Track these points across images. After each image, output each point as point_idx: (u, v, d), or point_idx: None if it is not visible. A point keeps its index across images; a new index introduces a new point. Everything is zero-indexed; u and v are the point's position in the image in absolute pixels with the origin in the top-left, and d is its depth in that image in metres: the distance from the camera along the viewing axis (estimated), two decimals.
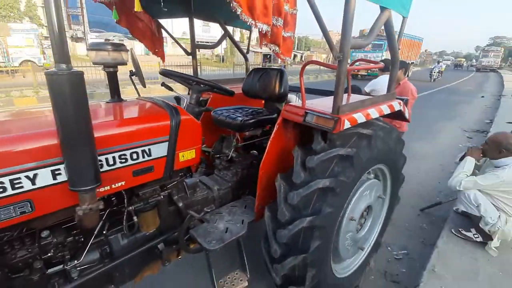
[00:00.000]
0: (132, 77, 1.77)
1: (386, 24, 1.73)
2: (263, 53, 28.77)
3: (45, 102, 8.60)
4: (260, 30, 1.25)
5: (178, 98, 2.06)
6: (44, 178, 1.08)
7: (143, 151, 1.34)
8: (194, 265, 2.26)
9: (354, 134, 1.61)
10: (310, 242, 1.49)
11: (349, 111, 1.55)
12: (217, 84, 1.90)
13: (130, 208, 1.44)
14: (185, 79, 1.86)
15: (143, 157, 1.34)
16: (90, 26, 27.16)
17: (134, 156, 1.31)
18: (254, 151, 2.43)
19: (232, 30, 3.16)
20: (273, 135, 1.70)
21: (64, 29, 0.91)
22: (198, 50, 2.73)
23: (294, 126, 1.80)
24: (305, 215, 1.48)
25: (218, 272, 1.74)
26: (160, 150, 1.41)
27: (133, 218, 1.46)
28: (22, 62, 13.85)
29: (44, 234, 1.23)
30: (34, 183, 1.07)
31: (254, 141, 2.48)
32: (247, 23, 1.21)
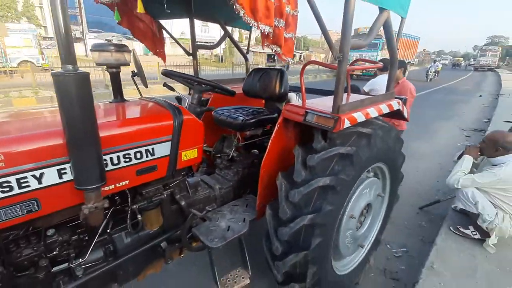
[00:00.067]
0: (134, 77, 1.79)
1: (385, 24, 1.75)
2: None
3: (44, 103, 8.58)
4: (262, 31, 1.27)
5: (179, 98, 2.08)
6: (50, 177, 1.10)
7: (147, 151, 1.36)
8: (196, 263, 2.27)
9: (354, 133, 1.64)
10: (311, 239, 1.51)
11: (349, 111, 1.57)
12: (218, 84, 1.91)
13: (134, 206, 1.46)
14: (187, 80, 1.87)
15: (147, 156, 1.36)
16: (89, 26, 27.14)
17: (138, 155, 1.33)
18: (255, 151, 2.45)
19: (230, 30, 3.17)
20: (274, 135, 1.71)
21: (70, 30, 0.93)
22: (197, 50, 2.74)
23: (295, 126, 1.82)
24: (306, 213, 1.49)
25: (220, 269, 1.75)
26: (163, 150, 1.43)
27: (137, 216, 1.48)
28: (21, 62, 13.80)
29: (49, 232, 1.25)
30: (40, 182, 1.09)
31: (255, 140, 2.50)
32: (250, 25, 1.23)
